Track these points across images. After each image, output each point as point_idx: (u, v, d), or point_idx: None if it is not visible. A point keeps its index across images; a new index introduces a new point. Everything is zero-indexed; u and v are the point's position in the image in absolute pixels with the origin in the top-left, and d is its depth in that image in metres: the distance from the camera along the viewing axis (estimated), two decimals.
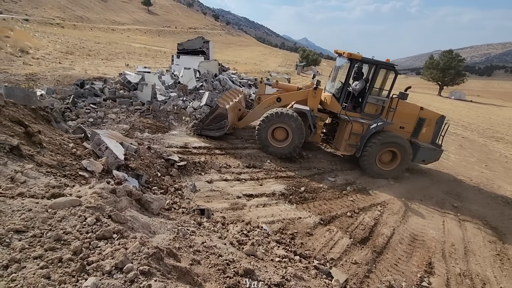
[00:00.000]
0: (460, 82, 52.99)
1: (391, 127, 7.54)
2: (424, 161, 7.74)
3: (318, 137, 8.10)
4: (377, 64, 7.30)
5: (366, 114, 7.50)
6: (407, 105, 7.70)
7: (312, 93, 7.80)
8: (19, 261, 1.51)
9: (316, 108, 7.88)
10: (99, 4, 79.85)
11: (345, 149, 7.68)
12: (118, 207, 2.56)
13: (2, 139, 3.16)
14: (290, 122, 7.31)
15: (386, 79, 7.64)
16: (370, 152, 7.31)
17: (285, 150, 7.44)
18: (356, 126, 7.47)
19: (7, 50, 13.24)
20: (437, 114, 7.82)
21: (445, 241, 5.28)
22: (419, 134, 7.70)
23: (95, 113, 7.48)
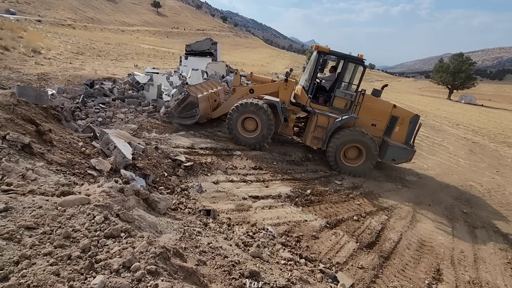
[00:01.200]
0: (470, 86, 52.14)
1: (362, 124, 7.45)
2: (394, 160, 7.53)
3: (290, 130, 8.12)
4: (345, 58, 7.30)
5: (334, 108, 7.46)
6: (380, 102, 7.57)
7: (283, 85, 7.82)
8: (30, 257, 1.54)
9: (287, 100, 7.87)
10: (110, 6, 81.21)
11: (311, 141, 7.65)
12: (126, 206, 2.58)
13: (15, 137, 3.22)
14: (259, 113, 7.35)
15: (355, 74, 7.58)
16: (335, 147, 7.26)
17: (254, 140, 7.53)
18: (321, 118, 7.44)
19: (20, 50, 13.55)
20: (411, 112, 7.61)
21: (454, 248, 5.17)
22: (392, 133, 7.53)
23: (104, 113, 7.58)
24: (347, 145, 7.27)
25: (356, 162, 7.39)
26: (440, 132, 15.09)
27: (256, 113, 7.37)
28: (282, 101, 7.72)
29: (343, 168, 7.38)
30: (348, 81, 7.59)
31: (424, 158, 10.02)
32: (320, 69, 7.47)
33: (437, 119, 20.07)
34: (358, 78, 7.43)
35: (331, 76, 7.79)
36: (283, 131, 8.09)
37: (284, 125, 7.86)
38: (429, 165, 9.42)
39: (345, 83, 7.58)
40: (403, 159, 7.48)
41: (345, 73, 7.40)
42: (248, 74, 8.79)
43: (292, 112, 7.99)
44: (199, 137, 7.58)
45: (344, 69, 7.29)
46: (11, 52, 12.79)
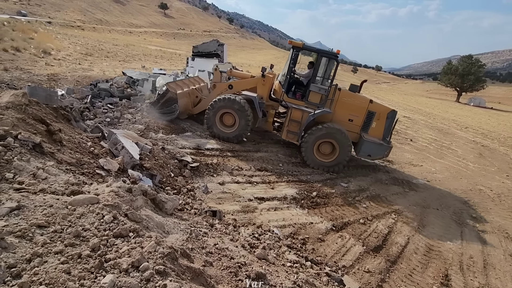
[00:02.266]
0: (479, 88, 51.35)
1: (339, 119, 7.42)
2: (370, 156, 7.45)
3: (270, 125, 8.15)
4: (318, 52, 7.33)
5: (310, 103, 7.44)
6: (356, 97, 7.52)
7: (261, 80, 7.86)
8: (41, 255, 1.56)
9: (266, 95, 7.92)
10: (118, 8, 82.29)
11: (286, 136, 7.64)
12: (134, 206, 2.61)
13: (26, 137, 3.28)
14: (236, 108, 7.41)
15: (330, 69, 7.59)
16: (308, 141, 7.23)
17: (232, 135, 7.60)
18: (295, 113, 7.43)
19: (31, 51, 13.82)
20: (388, 108, 7.53)
21: (463, 253, 5.09)
22: (369, 129, 7.45)
23: (112, 113, 7.68)
24: (320, 140, 7.24)
25: (329, 157, 7.35)
26: (448, 135, 14.88)
27: (233, 108, 7.44)
28: (260, 96, 7.78)
29: (316, 163, 7.34)
30: (324, 76, 7.65)
31: (432, 162, 9.89)
32: (293, 63, 7.49)
33: (445, 122, 19.80)
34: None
35: (309, 72, 7.84)
36: (263, 126, 8.19)
37: (263, 120, 7.96)
38: (437, 168, 9.29)
39: (322, 78, 7.65)
40: (378, 155, 7.40)
41: (320, 67, 7.47)
42: (227, 70, 8.85)
43: (271, 107, 8.06)
44: (205, 138, 7.62)
45: (318, 64, 7.35)
46: (22, 53, 13.06)
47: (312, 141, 7.21)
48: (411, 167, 9.07)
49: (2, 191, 2.15)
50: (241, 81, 8.27)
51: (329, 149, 7.34)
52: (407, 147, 11.21)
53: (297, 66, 7.92)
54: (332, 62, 7.47)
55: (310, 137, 7.19)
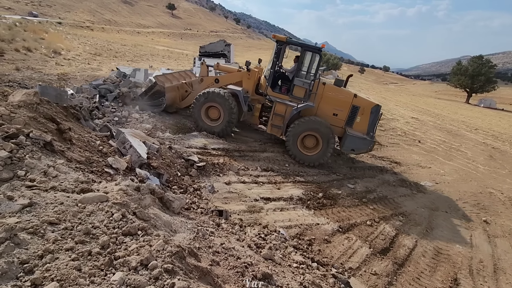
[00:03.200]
0: (490, 89, 50.30)
1: (324, 113, 7.43)
2: (354, 151, 7.45)
3: (256, 119, 8.22)
4: (302, 46, 7.41)
5: (294, 97, 7.46)
6: (341, 91, 7.50)
7: (246, 74, 7.94)
8: (53, 252, 1.59)
9: (251, 89, 7.98)
10: (126, 8, 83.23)
11: (271, 129, 7.69)
12: (142, 204, 2.63)
13: (37, 135, 3.34)
14: (220, 101, 7.49)
15: (314, 62, 7.57)
16: (291, 135, 7.27)
17: (217, 128, 7.68)
18: (279, 107, 7.47)
19: (42, 51, 14.07)
20: (372, 102, 7.46)
21: (473, 257, 5.00)
22: (354, 123, 7.43)
23: (120, 112, 7.76)
24: (303, 134, 7.29)
25: (313, 151, 7.37)
26: (457, 137, 14.62)
27: (218, 102, 7.52)
28: (246, 90, 7.85)
29: (300, 156, 7.37)
30: (308, 70, 7.66)
31: (441, 164, 9.74)
32: (276, 56, 7.52)
33: (454, 123, 19.47)
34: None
35: (294, 66, 7.87)
36: (249, 120, 8.27)
37: (249, 114, 8.05)
38: (446, 170, 9.14)
39: (308, 73, 7.65)
40: (362, 149, 7.40)
41: (304, 61, 7.52)
42: (214, 65, 8.93)
43: (257, 101, 8.10)
44: (212, 137, 7.64)
45: (302, 58, 7.41)
46: (33, 53, 13.31)
47: (295, 134, 7.28)
48: (419, 168, 8.94)
49: (14, 188, 2.20)
50: (227, 75, 8.35)
51: (313, 142, 7.39)
52: (415, 148, 11.06)
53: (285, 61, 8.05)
54: (315, 56, 7.50)
55: (293, 131, 7.28)
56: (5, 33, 14.53)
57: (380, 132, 12.56)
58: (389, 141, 11.39)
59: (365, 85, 45.74)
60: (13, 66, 10.15)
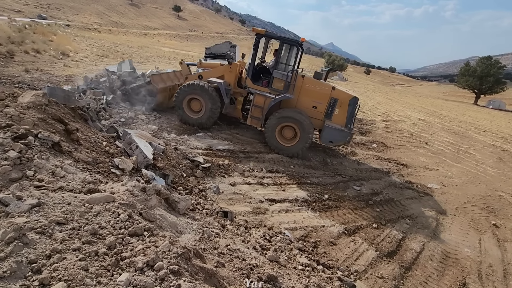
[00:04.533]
0: (499, 90, 49.44)
1: (304, 105, 7.56)
2: (332, 142, 7.55)
3: (238, 112, 8.32)
4: (280, 39, 7.58)
5: (274, 89, 7.52)
6: (319, 84, 7.59)
7: (228, 68, 8.09)
8: (60, 252, 1.60)
9: (233, 82, 8.13)
10: (133, 10, 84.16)
11: (251, 121, 7.83)
12: (148, 205, 2.64)
13: (46, 136, 3.39)
14: (201, 93, 7.66)
15: (292, 55, 7.71)
16: (269, 126, 7.39)
17: (199, 120, 7.87)
18: (258, 98, 7.59)
19: (51, 53, 14.30)
20: (350, 95, 7.49)
21: (482, 261, 4.90)
22: (333, 116, 7.49)
23: (126, 113, 7.83)
24: (281, 124, 7.40)
25: (291, 142, 7.47)
26: (465, 139, 14.41)
27: (200, 94, 7.69)
28: (228, 83, 8.00)
29: (278, 147, 7.49)
30: (287, 62, 7.81)
31: (449, 166, 9.60)
32: (254, 49, 7.59)
33: (462, 125, 19.20)
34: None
35: (275, 60, 7.96)
36: (232, 113, 8.35)
37: (232, 107, 8.19)
38: (454, 173, 9.01)
39: (287, 65, 7.78)
40: (340, 141, 7.51)
41: (282, 54, 7.66)
42: (198, 62, 9.07)
43: (239, 94, 8.21)
44: (217, 138, 7.66)
45: (280, 51, 7.54)
46: (42, 55, 13.53)
47: (273, 124, 7.40)
48: (426, 171, 8.83)
49: (23, 188, 2.23)
50: (210, 71, 8.46)
51: (291, 133, 7.49)
52: (422, 150, 10.93)
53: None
54: (294, 49, 7.63)
55: (271, 121, 7.40)
56: (15, 36, 14.81)
57: (386, 133, 12.45)
58: (396, 142, 11.28)
59: (371, 86, 45.44)
60: (22, 67, 10.34)
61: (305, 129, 7.26)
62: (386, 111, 19.62)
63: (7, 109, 3.57)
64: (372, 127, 13.28)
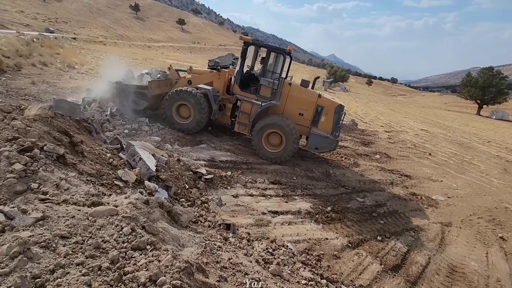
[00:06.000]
0: (502, 101, 49.47)
1: (290, 113, 7.68)
2: (317, 149, 7.63)
3: (227, 118, 8.43)
4: (267, 47, 7.76)
5: (261, 96, 7.62)
6: (305, 91, 7.72)
7: (216, 75, 8.24)
8: (64, 266, 1.61)
9: (221, 89, 8.24)
10: (138, 24, 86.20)
11: (238, 127, 7.92)
12: (151, 218, 2.64)
13: (51, 148, 3.43)
14: (189, 99, 7.78)
15: (279, 63, 7.86)
16: (256, 132, 7.49)
17: (189, 126, 7.99)
18: (245, 105, 7.72)
19: (57, 65, 14.59)
20: (335, 102, 7.62)
21: (490, 276, 4.79)
22: (319, 123, 7.59)
23: (130, 125, 7.92)
24: (267, 131, 7.51)
25: (277, 148, 7.57)
26: (469, 150, 14.32)
27: (188, 100, 7.81)
28: (216, 90, 8.12)
29: (265, 154, 7.59)
30: (274, 70, 7.98)
31: (453, 177, 9.51)
32: (242, 57, 7.72)
33: (465, 135, 19.12)
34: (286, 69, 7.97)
35: (262, 67, 8.08)
36: (220, 119, 8.47)
37: (221, 114, 8.31)
38: (458, 184, 8.92)
39: (274, 73, 7.93)
40: (325, 148, 7.59)
41: (269, 61, 7.83)
42: (188, 69, 9.18)
43: (228, 101, 8.30)
44: (220, 150, 7.69)
45: (267, 58, 7.70)
46: (49, 68, 13.81)
47: (259, 131, 7.51)
48: (431, 182, 8.75)
49: (28, 201, 2.25)
50: (199, 76, 8.58)
51: (278, 140, 7.59)
52: (426, 161, 10.86)
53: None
54: (281, 57, 7.80)
55: (257, 128, 7.51)
56: (23, 49, 15.17)
57: (389, 144, 12.42)
58: (399, 153, 11.23)
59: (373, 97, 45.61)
60: (29, 80, 10.54)
61: (290, 136, 7.36)
62: (388, 121, 19.63)
63: (14, 122, 3.64)
64: (375, 138, 13.27)
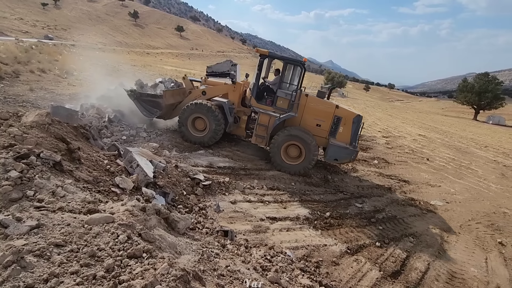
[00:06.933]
0: (498, 106, 49.94)
1: (308, 124, 7.63)
2: (337, 160, 7.55)
3: (242, 130, 8.39)
4: (283, 60, 7.70)
5: (278, 108, 7.61)
6: (323, 102, 7.69)
7: (231, 87, 8.24)
8: (58, 275, 1.58)
9: (237, 101, 8.23)
10: (137, 31, 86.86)
11: (256, 140, 7.87)
12: (147, 225, 2.62)
13: (48, 155, 3.41)
14: (206, 112, 7.78)
15: (296, 75, 7.90)
16: (275, 144, 7.42)
17: (204, 139, 7.95)
18: (262, 117, 7.70)
19: (55, 72, 14.63)
20: (353, 113, 7.58)
21: (489, 282, 4.76)
22: (337, 134, 7.56)
23: (128, 131, 7.91)
24: (286, 143, 7.44)
25: (296, 160, 7.49)
26: (467, 155, 14.38)
27: (205, 113, 7.76)
28: (231, 102, 8.11)
29: (283, 166, 7.49)
30: (290, 82, 7.99)
31: (451, 182, 9.52)
32: (259, 69, 7.72)
33: (463, 140, 19.22)
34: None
35: (276, 79, 8.09)
36: (235, 131, 8.44)
37: (236, 126, 8.28)
38: (457, 189, 8.92)
39: (290, 84, 7.95)
40: (345, 158, 7.51)
41: (285, 74, 7.81)
42: (202, 79, 9.24)
43: (243, 113, 8.31)
44: (218, 156, 7.68)
45: (284, 70, 7.66)
46: (47, 74, 13.84)
47: (278, 143, 7.44)
48: (429, 187, 8.75)
49: (23, 209, 2.23)
50: (214, 88, 8.60)
51: (297, 152, 7.52)
52: (424, 166, 10.88)
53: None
54: (297, 69, 7.80)
55: (277, 140, 7.45)
56: (22, 56, 15.22)
57: (387, 149, 12.46)
58: (397, 159, 11.25)
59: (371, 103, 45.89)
60: (27, 86, 10.54)
61: (311, 149, 7.30)
62: (386, 127, 19.73)
63: (11, 129, 3.63)
64: (373, 143, 13.31)
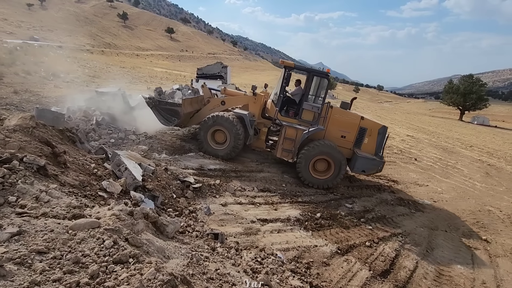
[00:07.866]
0: (482, 107, 51.51)
1: (332, 136, 7.56)
2: (365, 172, 7.52)
3: (262, 143, 8.24)
4: (309, 72, 7.58)
5: (303, 121, 7.56)
6: (348, 114, 7.67)
7: (252, 98, 8.11)
8: (39, 283, 1.54)
9: (257, 113, 8.10)
10: (126, 32, 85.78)
11: (281, 154, 7.66)
12: (135, 230, 2.58)
13: (31, 159, 3.32)
14: (226, 125, 7.56)
15: (321, 87, 7.87)
16: (303, 159, 7.28)
17: (224, 151, 7.71)
18: (289, 131, 7.52)
19: (41, 74, 14.30)
20: (379, 124, 7.62)
21: (475, 278, 4.88)
22: (362, 144, 7.58)
23: (116, 134, 7.79)
24: (316, 158, 7.31)
25: (325, 174, 7.38)
26: (453, 154, 14.74)
27: (225, 126, 7.59)
28: (252, 114, 7.94)
29: (312, 180, 7.36)
30: (315, 94, 7.91)
31: (438, 181, 9.74)
32: (286, 82, 7.67)
33: (449, 140, 19.71)
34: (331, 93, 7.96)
35: (298, 89, 8.05)
36: (255, 144, 8.26)
37: (255, 138, 8.09)
38: (443, 188, 9.13)
39: (313, 96, 7.89)
40: (372, 170, 7.47)
41: (311, 86, 7.69)
42: (222, 89, 9.14)
43: (263, 125, 8.19)
44: (208, 158, 7.63)
45: (310, 82, 7.54)
46: (32, 76, 13.51)
47: (307, 158, 7.29)
48: (417, 187, 8.93)
49: (4, 215, 2.16)
50: (233, 98, 8.51)
51: (325, 166, 7.40)
52: (412, 166, 11.10)
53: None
54: (323, 81, 7.76)
55: (306, 155, 7.27)
56: (6, 57, 14.82)
57: None
58: (386, 159, 11.40)
59: (361, 104, 46.56)
60: (11, 89, 10.26)
61: (340, 162, 7.17)
62: None
63: None
64: None
